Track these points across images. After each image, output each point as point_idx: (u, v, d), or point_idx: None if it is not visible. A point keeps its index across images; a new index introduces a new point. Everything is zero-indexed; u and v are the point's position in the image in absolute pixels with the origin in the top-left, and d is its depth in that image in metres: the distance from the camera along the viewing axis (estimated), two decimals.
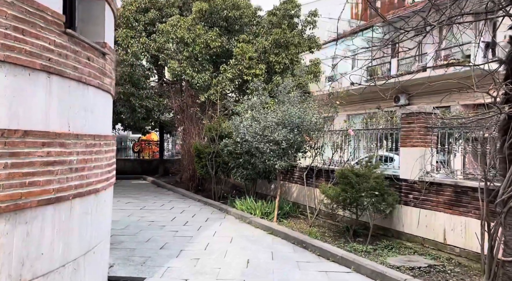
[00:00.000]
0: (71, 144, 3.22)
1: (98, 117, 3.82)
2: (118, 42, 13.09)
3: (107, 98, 4.13)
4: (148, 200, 11.78)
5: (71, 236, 3.28)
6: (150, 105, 13.61)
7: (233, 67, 13.73)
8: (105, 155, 3.93)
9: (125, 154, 23.00)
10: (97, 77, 3.72)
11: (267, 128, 8.59)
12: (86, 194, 3.48)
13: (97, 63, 3.73)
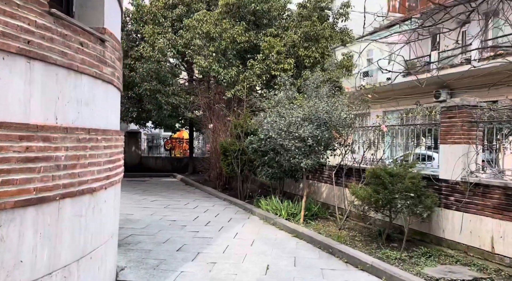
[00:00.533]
0: (58, 139, 2.89)
1: (95, 109, 3.49)
2: (145, 38, 12.99)
3: (108, 89, 3.80)
4: (174, 198, 11.57)
5: (59, 241, 2.95)
6: (176, 102, 13.41)
7: (260, 62, 13.28)
8: (104, 151, 3.59)
9: (157, 151, 23.13)
10: (93, 65, 3.38)
11: (292, 124, 8.07)
12: (78, 194, 3.14)
13: (94, 50, 3.39)
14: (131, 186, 14.43)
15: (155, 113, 13.88)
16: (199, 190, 13.70)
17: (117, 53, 4.03)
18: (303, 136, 7.72)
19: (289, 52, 13.82)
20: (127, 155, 19.78)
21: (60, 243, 2.97)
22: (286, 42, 13.67)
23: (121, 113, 15.36)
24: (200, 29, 12.40)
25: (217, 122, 12.92)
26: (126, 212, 9.14)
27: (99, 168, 3.48)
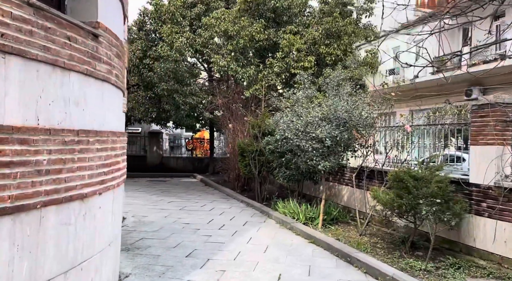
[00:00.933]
0: (39, 141, 2.65)
1: (87, 109, 3.24)
2: (163, 38, 12.87)
3: (104, 87, 3.56)
4: (191, 200, 11.38)
5: (42, 253, 2.72)
6: (194, 102, 13.22)
7: (280, 60, 12.93)
8: (97, 154, 3.35)
9: (179, 152, 23.14)
10: (84, 61, 3.14)
11: (309, 124, 7.69)
12: (65, 200, 2.90)
13: (84, 45, 3.14)
14: (151, 187, 14.38)
15: (173, 113, 13.76)
16: (217, 191, 13.47)
17: (114, 49, 3.79)
18: (321, 137, 7.32)
19: (309, 50, 13.40)
20: (148, 155, 19.90)
21: (44, 254, 2.73)
22: (307, 40, 13.25)
23: (141, 113, 15.50)
24: (218, 28, 12.15)
25: (236, 122, 12.66)
26: (141, 214, 9.00)
27: (91, 173, 3.23)
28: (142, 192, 12.78)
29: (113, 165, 3.76)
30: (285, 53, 13.01)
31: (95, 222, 3.40)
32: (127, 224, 7.90)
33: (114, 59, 3.78)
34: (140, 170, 18.98)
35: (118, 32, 4.04)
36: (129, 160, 15.47)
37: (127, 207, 9.80)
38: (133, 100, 15.19)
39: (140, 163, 19.56)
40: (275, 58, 12.95)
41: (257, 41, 13.10)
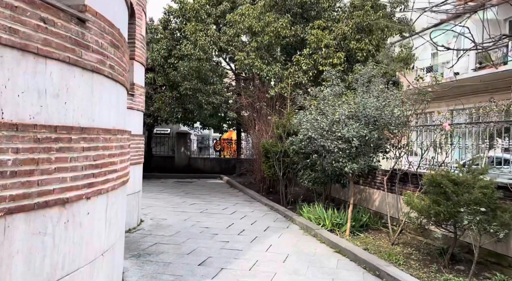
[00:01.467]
0: (2, 138, 2.28)
1: (71, 103, 2.87)
2: (187, 36, 12.61)
3: (95, 79, 3.18)
4: (213, 202, 11.01)
5: (7, 270, 2.34)
6: (217, 101, 12.85)
7: (307, 57, 12.35)
8: (83, 153, 2.97)
9: (207, 152, 22.97)
10: (65, 48, 2.76)
11: (335, 122, 7.09)
12: (38, 207, 2.53)
13: (65, 30, 2.77)
14: (176, 188, 14.16)
15: (196, 113, 13.47)
16: (242, 193, 13.05)
17: (108, 37, 3.41)
18: (347, 136, 6.71)
19: (339, 46, 12.76)
20: (176, 156, 19.80)
21: (9, 273, 2.36)
22: (336, 35, 12.61)
23: (166, 114, 15.34)
24: (242, 24, 11.74)
25: (260, 122, 12.19)
26: (160, 217, 8.70)
27: (74, 175, 2.85)
28: (166, 194, 12.55)
29: (106, 166, 3.38)
30: (312, 49, 12.43)
31: (82, 230, 3.01)
32: (144, 227, 7.60)
33: (108, 49, 3.41)
34: (168, 171, 18.92)
35: (116, 20, 3.67)
36: (157, 160, 15.37)
37: (147, 209, 9.56)
38: (159, 100, 15.06)
39: (169, 163, 19.51)
40: (302, 55, 12.39)
41: (283, 38, 12.60)
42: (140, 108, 7.58)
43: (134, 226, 7.47)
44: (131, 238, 6.71)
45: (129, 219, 7.16)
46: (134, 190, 7.34)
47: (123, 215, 4.22)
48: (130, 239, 6.64)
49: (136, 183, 7.46)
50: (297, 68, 12.41)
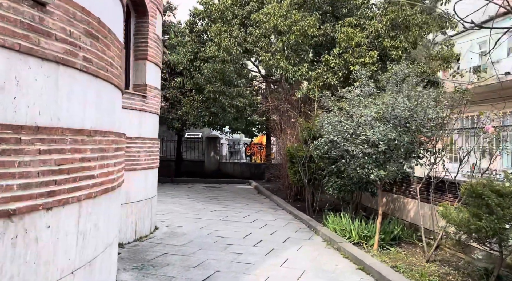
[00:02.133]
0: None
1: (24, 98, 2.48)
2: (211, 38, 12.31)
3: (60, 73, 2.79)
4: (236, 209, 10.54)
5: None
6: (241, 104, 12.40)
7: (336, 56, 11.68)
8: (40, 157, 2.58)
9: (238, 157, 22.64)
10: (14, 34, 2.38)
11: (361, 125, 6.41)
12: None
13: (14, 12, 2.39)
14: (202, 193, 13.86)
15: (220, 116, 13.11)
16: (268, 200, 12.51)
17: (82, 26, 3.02)
18: (372, 140, 6.01)
19: (371, 44, 11.98)
20: (206, 160, 19.59)
21: None
22: (369, 33, 11.84)
23: (193, 118, 15.12)
24: (268, 24, 11.26)
25: (286, 125, 11.62)
26: (177, 224, 8.35)
27: (24, 182, 2.46)
28: (190, 199, 12.26)
29: (77, 171, 2.98)
30: (342, 48, 11.74)
31: (39, 247, 2.62)
32: (157, 235, 7.25)
33: (80, 39, 3.02)
34: (198, 175, 18.74)
35: (94, 8, 3.28)
36: (187, 165, 15.15)
37: (167, 215, 9.25)
38: (187, 104, 14.87)
39: (198, 168, 19.33)
40: (331, 55, 11.74)
41: (312, 37, 12.00)
42: (153, 111, 7.27)
43: (146, 234, 7.14)
44: (140, 247, 6.37)
45: (140, 227, 6.84)
46: (146, 196, 7.01)
47: (110, 226, 3.82)
48: (138, 249, 6.30)
49: (149, 189, 7.14)
50: (326, 69, 11.77)
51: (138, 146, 6.65)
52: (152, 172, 7.34)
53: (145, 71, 6.92)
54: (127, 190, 6.42)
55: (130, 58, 6.91)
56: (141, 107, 6.77)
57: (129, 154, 6.42)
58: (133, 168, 6.53)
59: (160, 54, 7.67)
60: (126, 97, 6.39)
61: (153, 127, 7.32)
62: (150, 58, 7.00)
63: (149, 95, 7.05)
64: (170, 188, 15.39)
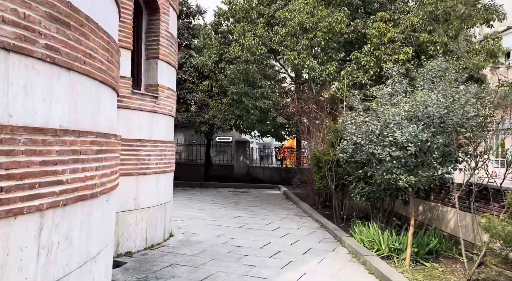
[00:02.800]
0: None
1: None
2: (236, 39, 11.93)
3: (10, 62, 2.43)
4: (259, 215, 10.03)
5: None
6: (265, 105, 11.86)
7: (367, 54, 10.94)
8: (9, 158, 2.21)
9: (269, 161, 22.13)
10: None
11: (389, 125, 5.72)
12: None
13: None
14: (228, 198, 13.47)
15: (244, 118, 12.67)
16: (295, 207, 11.90)
17: (42, 9, 2.65)
18: (401, 141, 5.31)
19: (406, 40, 11.16)
20: (235, 165, 19.24)
21: None
22: (404, 28, 11.04)
23: (219, 121, 14.77)
24: (293, 21, 10.72)
25: (314, 127, 11.00)
26: (194, 231, 7.96)
27: None
28: (214, 204, 11.89)
29: (34, 176, 2.59)
30: (374, 45, 10.99)
31: None
32: (170, 243, 6.89)
33: (42, 23, 2.65)
34: (227, 180, 18.42)
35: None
36: (216, 169, 14.84)
37: (187, 221, 8.91)
38: (214, 108, 14.59)
39: (228, 172, 19.02)
40: (362, 52, 11.01)
41: (341, 34, 11.33)
42: (167, 112, 6.93)
43: (159, 242, 6.79)
44: (149, 257, 6.01)
45: (151, 235, 6.50)
46: (158, 201, 6.67)
47: (92, 238, 3.43)
48: (147, 258, 5.94)
49: (161, 194, 6.79)
50: (356, 67, 11.05)
51: (148, 149, 6.32)
52: (165, 177, 6.99)
53: (156, 70, 6.61)
54: (136, 196, 6.09)
55: (142, 57, 6.62)
56: (152, 109, 6.45)
57: (137, 157, 6.11)
58: (142, 172, 6.21)
59: (174, 53, 7.34)
60: (135, 97, 6.09)
61: (166, 129, 6.98)
62: (162, 57, 6.68)
63: (162, 96, 6.72)
64: (198, 192, 15.14)
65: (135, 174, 6.05)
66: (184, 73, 15.47)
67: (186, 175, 18.99)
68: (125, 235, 5.89)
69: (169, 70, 7.08)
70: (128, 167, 5.91)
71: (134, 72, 6.52)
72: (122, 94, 5.82)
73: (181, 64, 15.46)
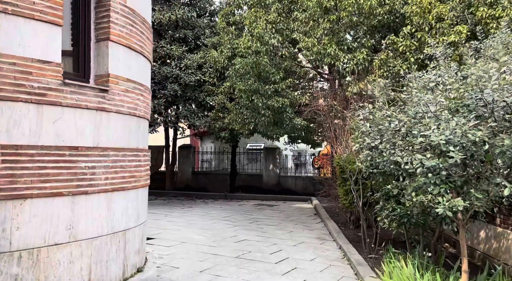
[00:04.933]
0: None
1: None
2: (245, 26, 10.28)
3: None
4: (270, 239, 8.18)
5: None
6: (278, 104, 9.95)
7: (407, 37, 8.83)
8: None
9: (304, 170, 20.13)
10: None
11: (421, 120, 3.71)
12: None
13: None
14: (247, 214, 11.74)
15: (253, 120, 10.89)
16: (321, 225, 9.89)
17: None
18: (438, 143, 3.30)
19: (458, 18, 8.91)
20: (264, 174, 17.46)
21: None
22: (455, 4, 8.80)
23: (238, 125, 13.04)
24: (310, 1, 8.86)
25: (340, 130, 9.00)
26: (173, 264, 6.30)
27: None
28: (226, 222, 10.21)
29: None
30: (416, 25, 8.86)
31: None
32: None
33: None
34: (256, 191, 16.73)
35: None
36: (244, 179, 13.10)
37: (176, 247, 7.29)
38: (233, 111, 13.00)
39: (256, 182, 17.33)
40: (399, 35, 8.91)
41: (374, 16, 9.31)
42: (125, 111, 5.39)
43: None
44: None
45: (99, 275, 4.92)
46: (111, 229, 5.10)
47: None
48: None
49: (117, 220, 5.21)
50: (393, 54, 8.95)
51: (91, 159, 4.78)
52: (126, 195, 5.41)
53: (107, 55, 5.10)
54: (70, 223, 4.56)
55: (91, 40, 5.14)
56: (98, 106, 4.92)
57: (73, 171, 4.58)
58: (81, 191, 4.67)
59: (143, 38, 5.81)
60: (69, 90, 4.60)
61: (124, 133, 5.42)
62: (115, 39, 5.16)
63: (115, 89, 5.19)
64: (217, 206, 13.56)
65: (69, 194, 4.53)
66: (203, 75, 14.06)
67: (212, 185, 17.55)
68: (51, 280, 4.35)
69: (131, 57, 5.54)
70: (57, 185, 4.40)
71: (79, 59, 5.06)
72: (47, 86, 4.35)
73: (200, 64, 14.08)
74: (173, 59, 13.70)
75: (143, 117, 5.96)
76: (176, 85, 13.26)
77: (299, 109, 10.93)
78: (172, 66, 13.50)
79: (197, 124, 13.93)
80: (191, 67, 13.60)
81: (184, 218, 10.78)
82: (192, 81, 13.43)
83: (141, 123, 5.89)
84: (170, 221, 10.17)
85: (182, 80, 13.25)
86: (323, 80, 12.58)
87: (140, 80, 5.79)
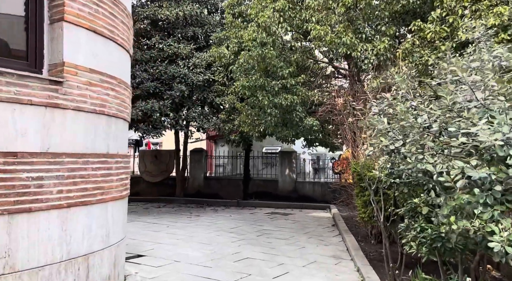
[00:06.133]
0: None
1: None
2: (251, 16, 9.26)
3: None
4: (277, 257, 7.08)
5: None
6: (286, 102, 8.79)
7: (436, 22, 7.61)
8: None
9: (324, 175, 18.87)
10: None
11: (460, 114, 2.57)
12: None
13: None
14: (256, 224, 10.68)
15: (262, 120, 9.79)
16: (338, 239, 8.71)
17: None
18: (489, 145, 2.15)
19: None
20: (280, 179, 16.34)
21: None
22: None
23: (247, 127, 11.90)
24: None
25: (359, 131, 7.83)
26: None
27: None
28: (231, 235, 9.18)
29: None
30: (447, 8, 7.63)
31: None
32: None
33: None
34: (270, 198, 15.64)
35: None
36: (259, 185, 11.75)
37: (162, 269, 6.30)
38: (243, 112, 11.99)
39: (271, 188, 16.23)
40: (427, 20, 7.70)
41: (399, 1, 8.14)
42: (89, 108, 4.45)
43: None
44: None
45: None
46: (66, 255, 4.14)
47: None
48: None
49: (76, 242, 4.26)
50: (419, 42, 7.74)
51: (37, 168, 3.86)
52: (87, 211, 4.45)
53: (62, 39, 4.18)
54: (6, 250, 3.62)
55: (43, 21, 4.24)
56: (48, 101, 4.00)
57: (9, 183, 3.66)
58: (21, 208, 3.73)
59: (111, 19, 4.87)
60: (4, 81, 3.68)
61: (87, 135, 4.47)
62: (71, 19, 4.24)
63: (74, 82, 4.26)
64: (227, 214, 12.57)
65: (3, 213, 3.60)
66: (212, 74, 13.14)
67: (225, 192, 16.57)
68: None
69: (96, 44, 4.61)
70: None
71: (28, 44, 4.16)
72: None
73: (209, 63, 13.16)
74: (181, 58, 12.86)
75: (116, 116, 5.01)
76: (184, 85, 12.39)
77: (312, 108, 9.82)
78: (180, 66, 12.65)
79: (205, 126, 13.01)
80: (199, 66, 12.72)
81: (187, 229, 9.82)
82: (200, 80, 12.54)
83: (112, 123, 4.94)
84: (170, 233, 9.23)
85: (190, 80, 12.38)
86: (341, 77, 11.40)
87: (110, 71, 4.85)
